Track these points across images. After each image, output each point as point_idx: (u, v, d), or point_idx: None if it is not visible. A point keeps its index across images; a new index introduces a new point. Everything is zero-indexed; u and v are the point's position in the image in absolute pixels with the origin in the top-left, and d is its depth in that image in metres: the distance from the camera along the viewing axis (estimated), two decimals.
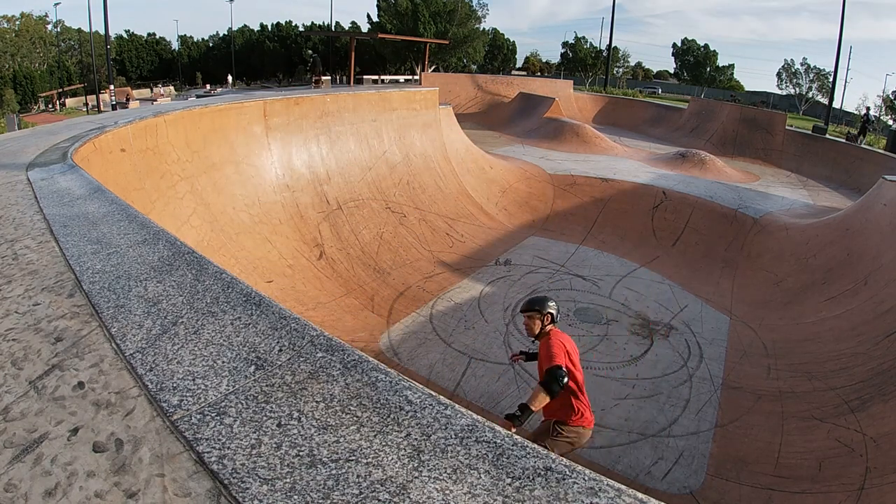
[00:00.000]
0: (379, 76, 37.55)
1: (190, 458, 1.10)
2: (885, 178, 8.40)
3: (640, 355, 6.27)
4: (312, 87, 16.69)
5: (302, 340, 1.54)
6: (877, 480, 3.79)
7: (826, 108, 27.90)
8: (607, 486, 1.01)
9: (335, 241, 8.05)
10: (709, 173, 14.04)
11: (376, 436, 1.14)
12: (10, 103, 30.50)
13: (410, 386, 1.32)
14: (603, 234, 10.50)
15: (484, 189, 11.71)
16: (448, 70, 42.65)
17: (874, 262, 7.09)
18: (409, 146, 10.94)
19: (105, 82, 28.93)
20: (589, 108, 26.07)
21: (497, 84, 25.83)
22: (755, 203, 11.29)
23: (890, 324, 5.68)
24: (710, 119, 21.03)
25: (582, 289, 8.03)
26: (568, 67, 55.19)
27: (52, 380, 1.38)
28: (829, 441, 4.48)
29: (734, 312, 7.63)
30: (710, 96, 39.71)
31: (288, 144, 8.49)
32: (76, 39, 43.44)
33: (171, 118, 6.45)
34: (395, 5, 41.26)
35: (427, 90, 12.10)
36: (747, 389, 5.60)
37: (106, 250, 2.20)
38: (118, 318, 1.66)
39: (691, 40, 55.10)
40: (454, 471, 1.05)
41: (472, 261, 8.80)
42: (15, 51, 37.18)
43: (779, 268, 8.71)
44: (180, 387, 1.32)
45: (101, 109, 24.68)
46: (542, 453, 1.10)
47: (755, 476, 4.35)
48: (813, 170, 16.46)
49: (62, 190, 3.17)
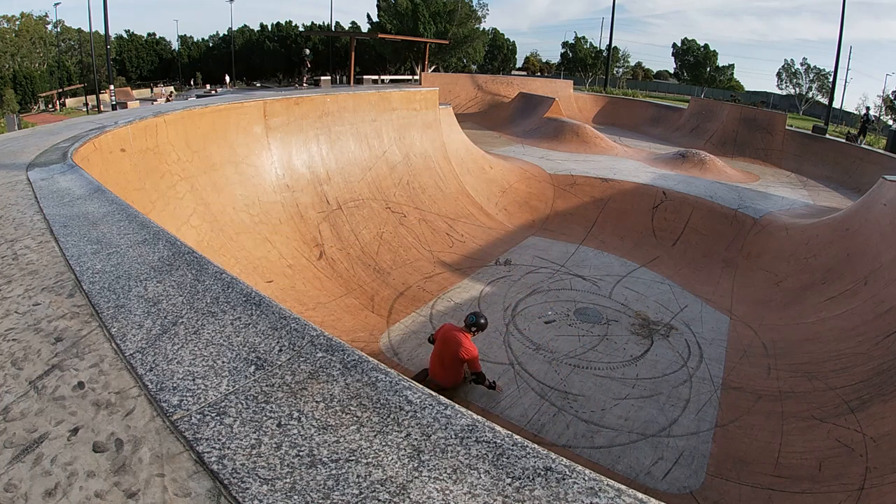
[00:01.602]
0: (379, 76, 37.53)
1: (190, 458, 1.10)
2: (885, 178, 8.40)
3: (640, 355, 6.27)
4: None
5: (302, 340, 1.54)
6: (877, 480, 3.79)
7: (826, 107, 27.90)
8: (607, 486, 1.01)
9: (335, 241, 8.05)
10: (709, 173, 14.04)
11: (376, 436, 1.14)
12: (10, 103, 30.50)
13: (410, 386, 1.32)
14: (603, 234, 10.50)
15: (484, 189, 11.71)
16: (448, 70, 42.63)
17: (874, 261, 7.09)
18: (409, 146, 10.94)
19: (105, 82, 28.93)
20: (589, 108, 26.06)
21: (497, 84, 25.83)
22: (755, 203, 11.29)
23: (890, 324, 5.68)
24: (710, 119, 21.03)
25: (582, 289, 8.03)
26: (568, 67, 55.19)
27: (52, 380, 1.38)
28: (829, 441, 4.48)
29: (734, 312, 7.63)
30: (710, 96, 39.71)
31: (288, 144, 8.49)
32: (76, 39, 43.43)
33: (171, 118, 6.45)
34: (395, 5, 41.24)
35: (427, 90, 12.10)
36: (747, 389, 5.60)
37: (106, 250, 2.20)
38: (118, 318, 1.66)
39: (691, 40, 55.09)
40: (454, 471, 1.05)
41: (472, 261, 8.80)
42: (15, 51, 37.17)
43: (779, 268, 8.71)
44: (180, 387, 1.32)
45: (101, 109, 24.69)
46: (542, 453, 1.10)
47: (755, 476, 4.35)
48: (813, 170, 16.46)
49: (62, 190, 3.17)
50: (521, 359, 5.99)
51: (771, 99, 42.36)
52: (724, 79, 53.86)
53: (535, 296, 7.63)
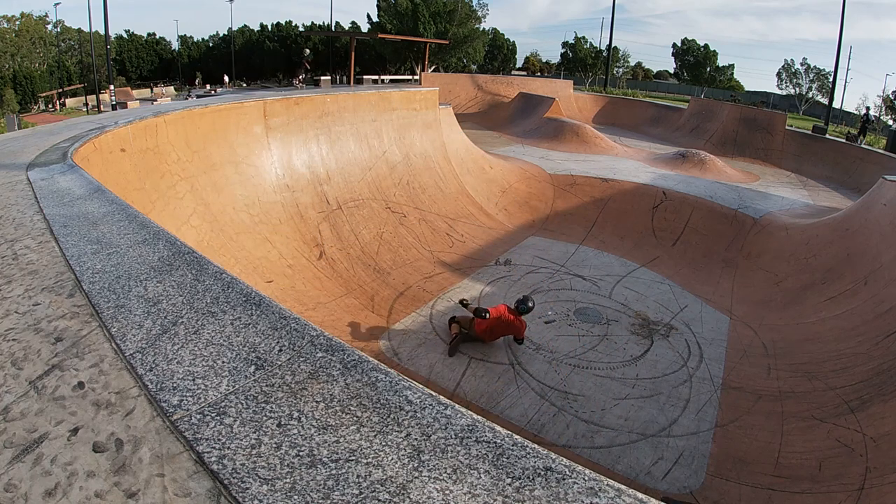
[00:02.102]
0: (379, 76, 37.52)
1: (190, 458, 1.10)
2: (885, 177, 8.41)
3: (640, 355, 6.27)
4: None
5: (302, 340, 1.54)
6: (877, 480, 3.79)
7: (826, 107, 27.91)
8: (607, 486, 1.01)
9: (335, 241, 8.05)
10: (709, 173, 14.04)
11: (376, 436, 1.14)
12: (10, 103, 30.48)
13: (410, 386, 1.32)
14: (603, 234, 10.50)
15: (484, 189, 11.71)
16: (448, 70, 42.61)
17: (874, 261, 7.09)
18: (409, 146, 10.95)
19: (105, 82, 28.93)
20: (589, 108, 26.07)
21: (497, 84, 25.83)
22: (755, 203, 11.29)
23: (890, 324, 5.68)
24: (710, 119, 21.03)
25: (582, 289, 8.02)
26: (568, 67, 55.16)
27: (52, 380, 1.38)
28: (829, 441, 4.48)
29: (734, 312, 7.63)
30: (710, 96, 39.70)
31: (288, 144, 8.49)
32: (76, 39, 43.40)
33: (171, 118, 6.45)
34: (395, 5, 41.22)
35: (427, 90, 12.10)
36: (747, 389, 5.61)
37: (106, 250, 2.20)
38: (118, 318, 1.66)
39: (691, 40, 55.04)
40: (454, 471, 1.05)
41: (472, 261, 8.80)
42: (15, 51, 37.15)
43: (779, 268, 8.71)
44: (180, 387, 1.32)
45: (101, 109, 24.69)
46: (542, 453, 1.10)
47: (755, 476, 4.35)
48: (813, 170, 16.46)
49: (62, 190, 3.17)
50: (521, 359, 5.99)
51: (771, 99, 42.35)
52: (724, 79, 53.82)
53: (535, 296, 7.63)
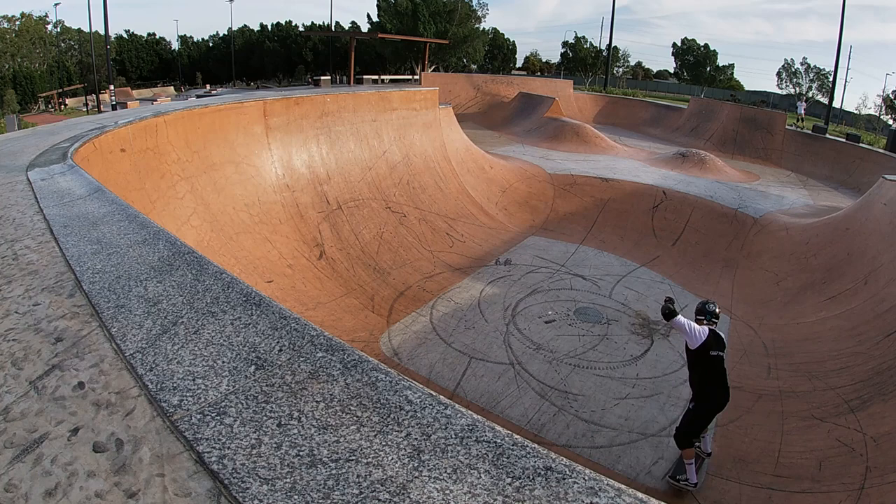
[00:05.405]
0: (379, 76, 37.53)
1: (190, 458, 1.10)
2: (885, 177, 8.40)
3: (640, 355, 6.27)
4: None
5: (302, 340, 1.54)
6: (877, 480, 3.79)
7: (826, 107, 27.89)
8: (607, 485, 1.01)
9: (335, 241, 8.05)
10: (709, 173, 14.04)
11: (376, 436, 1.14)
12: (10, 103, 30.48)
13: (410, 386, 1.32)
14: (603, 234, 10.50)
15: (484, 189, 11.71)
16: (448, 70, 42.60)
17: (874, 261, 7.09)
18: (409, 146, 10.94)
19: (105, 82, 28.92)
20: (589, 108, 26.06)
21: (497, 84, 25.82)
22: (755, 203, 11.29)
23: (890, 323, 5.67)
24: (710, 119, 21.03)
25: (582, 288, 8.02)
26: (568, 67, 55.14)
27: (52, 380, 1.38)
28: (829, 441, 4.48)
29: (734, 312, 7.62)
30: (710, 96, 39.67)
31: (288, 144, 8.49)
32: (76, 39, 43.38)
33: (171, 118, 6.45)
34: (395, 5, 41.22)
35: (427, 90, 12.10)
36: (747, 389, 5.60)
37: (106, 250, 2.20)
38: (118, 318, 1.66)
39: (691, 40, 54.98)
40: (454, 471, 1.05)
41: (472, 260, 8.80)
42: (15, 51, 37.13)
43: (779, 267, 8.71)
44: (180, 387, 1.32)
45: (101, 110, 24.69)
46: (542, 453, 1.09)
47: (755, 476, 4.35)
48: (813, 169, 16.46)
49: (62, 190, 3.17)
50: (522, 358, 5.99)
51: (771, 99, 42.33)
52: (724, 78, 53.80)
53: (535, 295, 7.63)
